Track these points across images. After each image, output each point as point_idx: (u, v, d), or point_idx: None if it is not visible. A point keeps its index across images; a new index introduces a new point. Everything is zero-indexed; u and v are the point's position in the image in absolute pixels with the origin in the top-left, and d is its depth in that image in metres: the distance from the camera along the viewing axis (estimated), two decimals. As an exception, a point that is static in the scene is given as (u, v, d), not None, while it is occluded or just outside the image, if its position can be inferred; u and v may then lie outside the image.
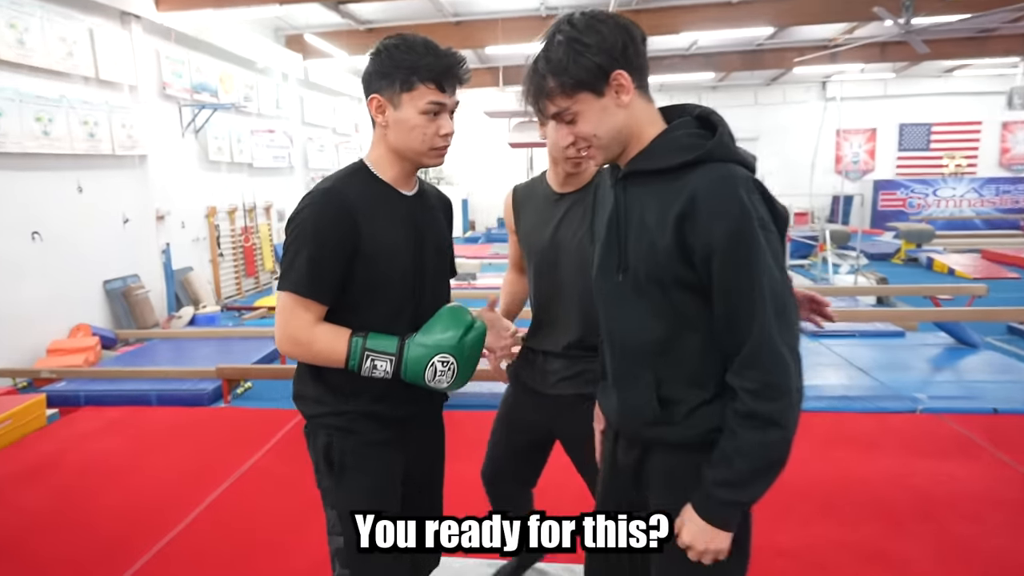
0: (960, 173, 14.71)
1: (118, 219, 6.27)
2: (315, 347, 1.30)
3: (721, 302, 1.06)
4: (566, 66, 1.07)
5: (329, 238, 1.27)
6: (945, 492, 2.73)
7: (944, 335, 5.01)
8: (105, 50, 5.92)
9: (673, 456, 1.18)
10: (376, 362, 1.29)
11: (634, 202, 1.15)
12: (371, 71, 1.31)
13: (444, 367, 1.31)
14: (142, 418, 3.88)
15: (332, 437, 1.38)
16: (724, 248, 1.02)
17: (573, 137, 1.15)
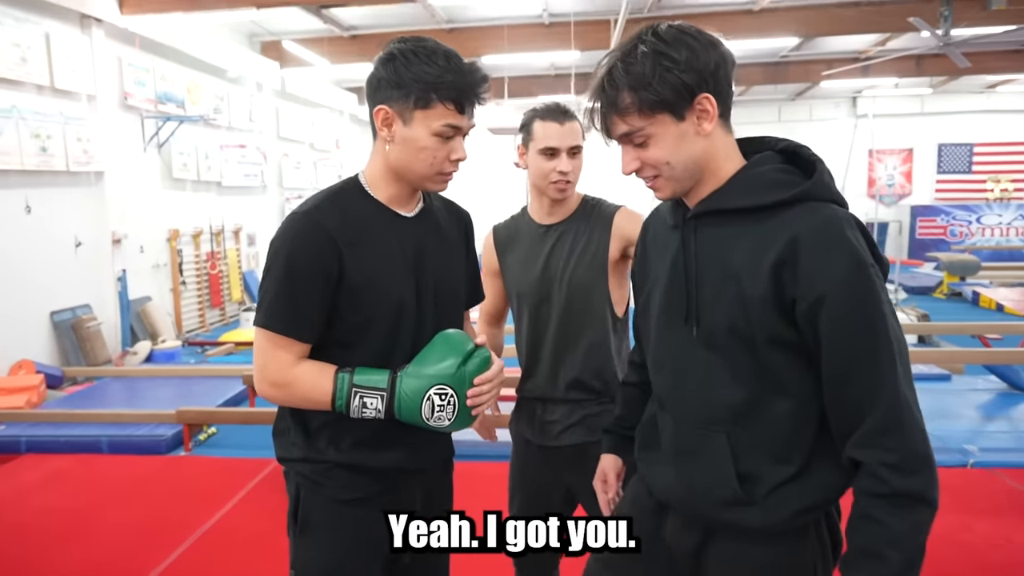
0: (1006, 198, 14.91)
1: (69, 242, 6.29)
2: (296, 389, 1.28)
3: (836, 362, 1.01)
4: (649, 81, 1.04)
5: (305, 269, 1.25)
6: (1004, 558, 2.71)
7: (995, 379, 5.02)
8: (62, 56, 6.02)
9: (748, 544, 1.13)
10: (366, 399, 1.25)
11: (710, 245, 1.12)
12: (381, 78, 1.26)
13: (443, 401, 1.26)
14: (91, 468, 3.84)
15: (301, 488, 1.36)
16: (838, 300, 0.99)
17: (640, 163, 1.12)
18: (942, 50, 7.35)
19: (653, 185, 1.15)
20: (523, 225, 1.89)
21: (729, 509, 1.12)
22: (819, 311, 1.00)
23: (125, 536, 3.04)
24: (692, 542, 1.19)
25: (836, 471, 1.09)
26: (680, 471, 1.18)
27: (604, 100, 1.09)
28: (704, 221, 1.14)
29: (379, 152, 1.33)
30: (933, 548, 2.98)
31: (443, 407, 1.26)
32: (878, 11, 8.38)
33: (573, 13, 8.44)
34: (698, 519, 1.18)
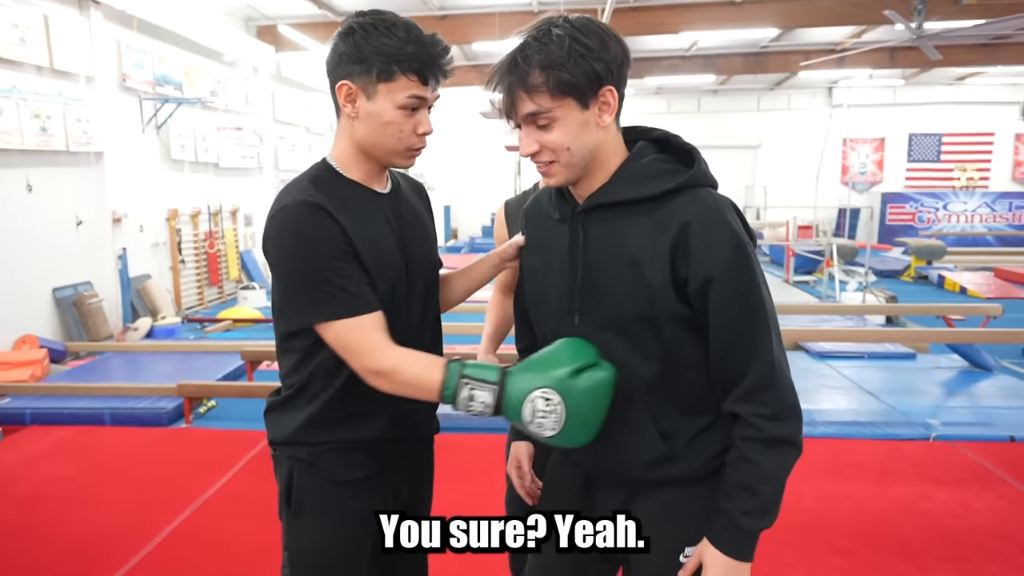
0: (972, 187, 15.04)
1: (70, 221, 6.21)
2: (402, 376, 1.18)
3: (723, 330, 1.08)
4: (563, 62, 1.03)
5: (333, 250, 1.17)
6: (964, 526, 2.77)
7: (957, 357, 5.10)
8: (61, 38, 5.89)
9: (672, 492, 1.19)
10: (475, 392, 1.15)
11: (603, 236, 1.14)
12: (342, 53, 1.20)
13: (546, 407, 1.11)
14: (94, 439, 3.82)
15: (294, 471, 1.30)
16: (723, 280, 1.05)
17: (539, 147, 1.10)
18: (915, 43, 7.36)
19: (547, 171, 1.13)
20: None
21: (655, 468, 1.18)
22: (708, 290, 1.06)
23: (127, 505, 3.04)
24: (616, 503, 1.23)
25: None
26: (604, 443, 1.17)
27: (514, 77, 1.06)
28: (595, 214, 1.15)
29: (345, 131, 1.26)
30: (896, 516, 3.05)
31: (546, 414, 1.12)
32: (854, 4, 8.36)
33: (563, 1, 8.35)
34: (624, 482, 1.22)
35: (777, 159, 15.15)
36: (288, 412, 1.31)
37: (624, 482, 1.22)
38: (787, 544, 2.63)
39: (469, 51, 11.26)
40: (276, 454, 1.36)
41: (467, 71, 12.15)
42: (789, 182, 14.62)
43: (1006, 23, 8.35)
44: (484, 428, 3.66)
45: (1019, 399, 4.27)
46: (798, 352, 5.29)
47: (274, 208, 1.21)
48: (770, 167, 15.22)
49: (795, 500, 2.98)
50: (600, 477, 1.26)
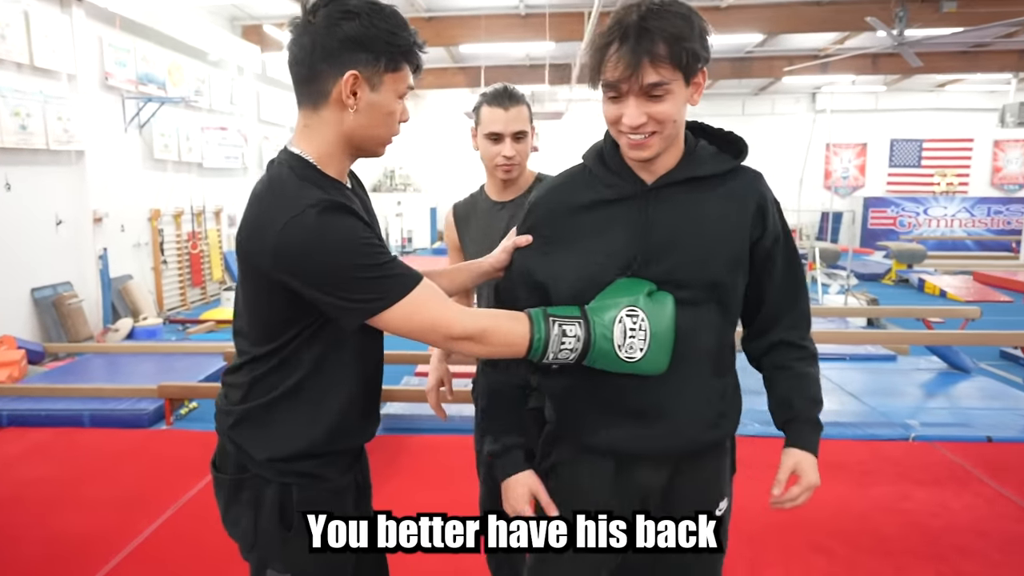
0: (951, 192, 15.25)
1: (50, 220, 6.12)
2: (494, 335, 1.14)
3: (781, 276, 1.28)
4: (685, 37, 1.06)
5: (367, 236, 1.12)
6: (942, 524, 2.80)
7: (936, 359, 5.16)
8: (41, 35, 5.81)
9: (713, 456, 1.31)
10: (566, 327, 1.13)
11: (675, 209, 1.20)
12: (347, 38, 1.09)
13: (634, 325, 1.14)
14: (73, 441, 3.77)
15: (291, 488, 1.20)
16: (784, 235, 1.28)
17: (647, 118, 1.10)
18: (896, 49, 7.45)
19: (645, 143, 1.13)
20: (480, 202, 1.91)
21: (712, 431, 1.27)
22: (776, 245, 1.26)
23: (106, 507, 3.00)
24: (664, 478, 1.28)
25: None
26: (655, 419, 1.23)
27: (641, 46, 1.06)
28: (665, 191, 1.21)
29: (330, 124, 1.15)
30: (876, 515, 3.08)
31: (635, 332, 1.14)
32: (837, 10, 8.46)
33: (548, 5, 8.38)
34: (672, 455, 1.27)
35: (761, 163, 14.89)
36: (280, 423, 1.20)
37: (672, 455, 1.27)
38: (768, 544, 2.65)
39: (456, 53, 11.25)
40: (257, 475, 1.21)
41: (454, 73, 12.15)
42: (773, 186, 14.37)
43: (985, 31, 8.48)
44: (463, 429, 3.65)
45: (996, 400, 4.33)
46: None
47: (285, 214, 1.07)
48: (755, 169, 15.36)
49: (777, 500, 3.00)
50: (644, 456, 1.26)
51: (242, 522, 1.23)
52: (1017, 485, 3.12)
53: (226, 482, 1.24)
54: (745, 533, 2.73)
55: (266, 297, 1.15)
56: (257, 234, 1.10)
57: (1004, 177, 15.26)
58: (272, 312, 1.17)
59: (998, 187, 15.30)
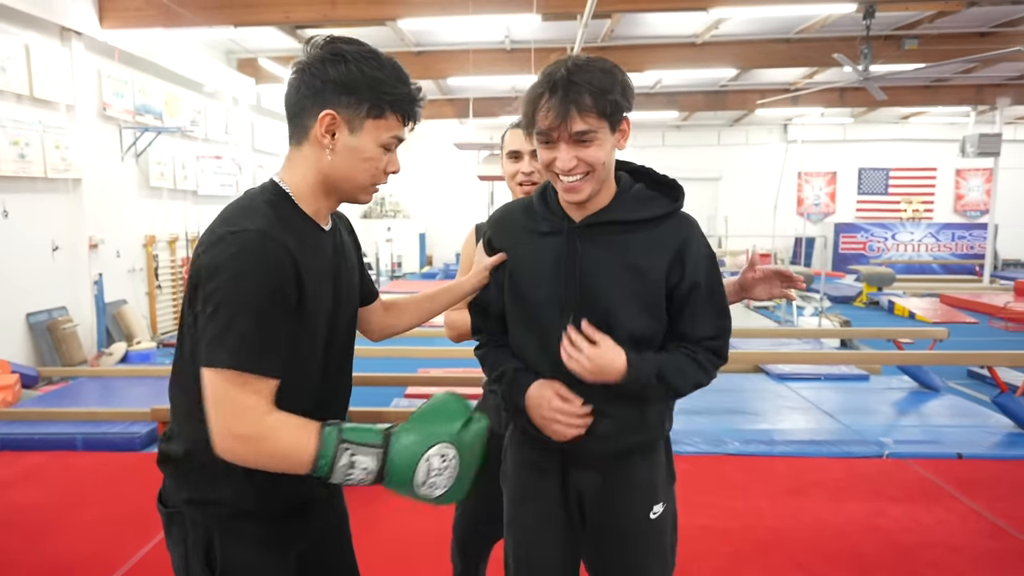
0: (917, 218, 15.52)
1: (46, 246, 6.06)
2: (270, 444, 1.02)
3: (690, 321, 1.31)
4: (608, 90, 1.16)
5: (273, 295, 1.03)
6: (916, 540, 2.81)
7: (907, 379, 5.21)
8: (42, 67, 5.81)
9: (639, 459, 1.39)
10: (356, 457, 1.02)
11: (600, 248, 1.28)
12: (331, 79, 1.09)
13: (442, 463, 1.05)
14: (66, 464, 3.69)
15: (210, 532, 1.13)
16: (707, 280, 1.29)
17: (577, 161, 1.20)
18: (862, 84, 7.62)
19: (576, 186, 1.23)
20: None
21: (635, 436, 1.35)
22: (693, 292, 1.29)
23: (99, 530, 2.93)
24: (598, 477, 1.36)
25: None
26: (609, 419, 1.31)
27: (570, 96, 1.15)
28: (594, 229, 1.29)
29: (309, 161, 1.13)
30: (853, 532, 3.09)
31: (440, 471, 1.05)
32: (806, 47, 8.66)
33: (533, 41, 8.50)
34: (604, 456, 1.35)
35: (737, 191, 15.46)
36: (201, 464, 1.10)
37: (603, 456, 1.35)
38: (750, 561, 2.64)
39: (444, 86, 11.36)
40: (177, 512, 1.15)
41: (442, 104, 12.24)
42: (748, 213, 14.91)
43: (945, 67, 8.72)
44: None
45: (965, 418, 4.37)
46: (758, 375, 5.35)
47: (220, 232, 1.05)
48: (730, 198, 15.53)
49: (757, 518, 3.00)
50: (580, 455, 1.35)
51: (175, 558, 1.18)
52: (987, 500, 3.14)
53: (163, 514, 1.19)
54: (727, 551, 2.72)
55: (190, 319, 1.08)
56: (202, 241, 1.08)
57: (966, 204, 15.56)
58: (183, 341, 1.12)
59: (961, 213, 15.59)
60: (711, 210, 15.45)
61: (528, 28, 8.01)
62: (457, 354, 1.99)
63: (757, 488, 3.28)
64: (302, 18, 6.76)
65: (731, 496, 3.21)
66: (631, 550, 1.37)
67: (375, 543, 2.75)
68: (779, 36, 8.63)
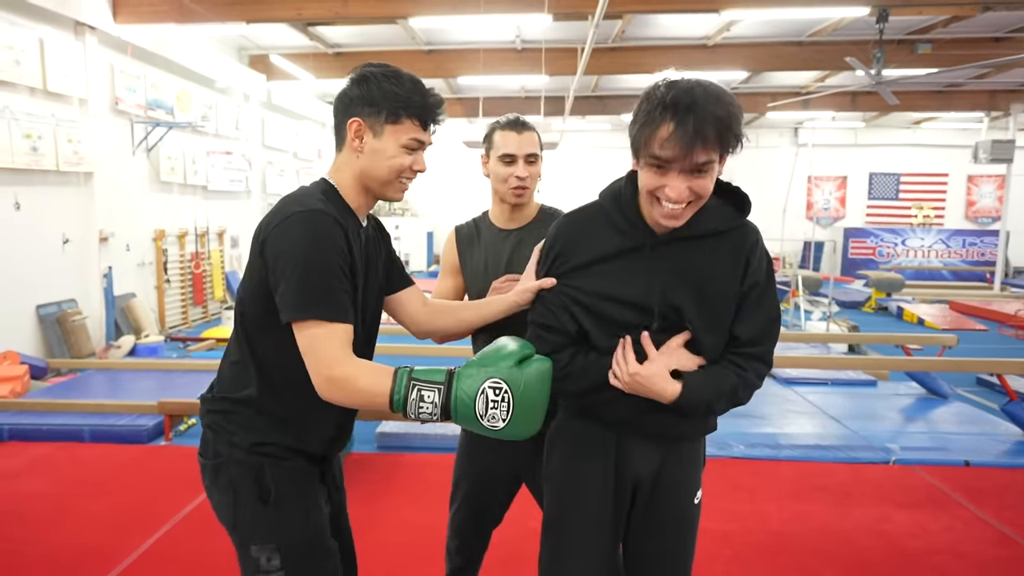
0: (928, 224, 15.42)
1: (57, 239, 6.10)
2: (359, 382, 1.20)
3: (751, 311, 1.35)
4: (732, 124, 1.16)
5: (336, 259, 1.24)
6: (922, 546, 2.79)
7: (915, 385, 5.18)
8: (55, 61, 5.85)
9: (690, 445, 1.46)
10: (424, 392, 1.18)
11: (680, 258, 1.31)
12: (356, 96, 1.33)
13: (496, 396, 1.17)
14: (73, 455, 3.72)
15: (263, 466, 1.33)
16: (766, 279, 1.35)
17: (689, 191, 1.20)
18: (874, 88, 7.58)
19: (679, 213, 1.23)
20: (484, 228, 1.90)
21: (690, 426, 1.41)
22: (752, 290, 1.34)
23: (104, 522, 2.95)
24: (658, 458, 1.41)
25: None
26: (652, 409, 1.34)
27: (695, 129, 1.12)
28: (677, 244, 1.31)
29: (348, 162, 1.36)
30: (858, 537, 3.07)
31: (496, 404, 1.17)
32: (818, 51, 8.62)
33: (544, 41, 8.50)
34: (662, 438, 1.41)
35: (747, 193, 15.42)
36: (251, 416, 1.35)
37: (661, 438, 1.40)
38: (753, 565, 2.63)
39: (454, 84, 11.38)
40: (232, 459, 1.35)
41: (452, 103, 12.26)
42: (758, 216, 14.33)
43: (958, 72, 8.67)
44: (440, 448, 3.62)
45: (973, 425, 4.34)
46: (766, 378, 5.33)
47: (289, 211, 1.26)
48: (739, 201, 15.49)
49: (761, 522, 2.99)
50: (641, 434, 1.40)
51: (223, 504, 1.36)
52: (994, 508, 3.12)
53: (208, 467, 1.38)
54: (729, 555, 2.71)
55: (256, 288, 1.29)
56: (265, 221, 1.29)
57: (978, 211, 15.46)
58: (256, 309, 1.31)
59: (972, 220, 15.49)
60: (720, 213, 15.41)
61: (539, 28, 8.01)
62: (461, 352, 1.99)
63: (762, 492, 3.27)
64: (313, 15, 6.78)
65: (736, 499, 3.20)
66: (677, 534, 1.42)
67: (376, 538, 2.75)
68: (791, 39, 8.61)
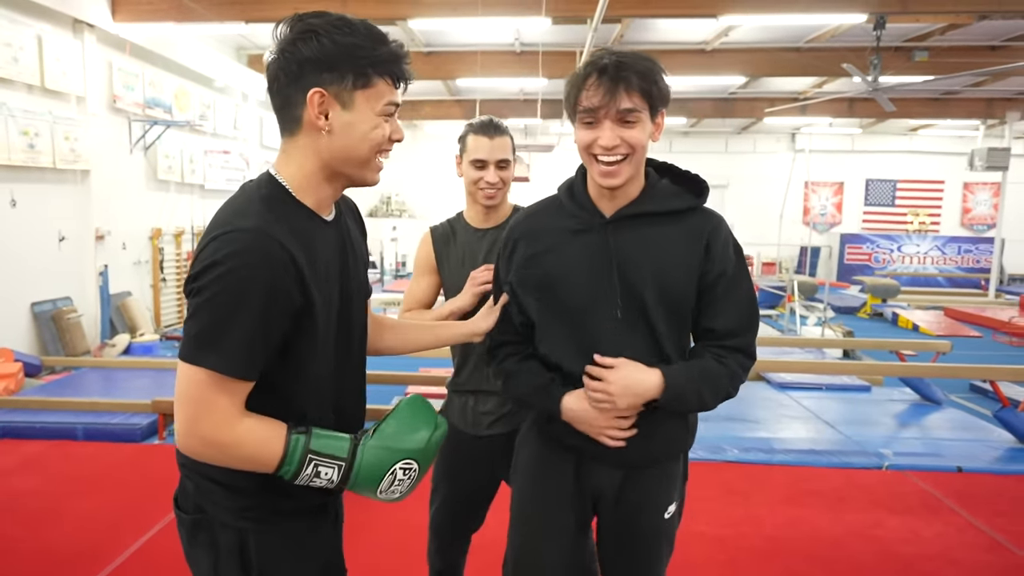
0: (924, 230, 15.48)
1: (53, 237, 6.09)
2: (238, 450, 1.01)
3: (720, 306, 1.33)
4: (654, 78, 1.22)
5: (267, 297, 0.99)
6: (915, 552, 2.80)
7: (909, 391, 5.19)
8: (53, 58, 5.84)
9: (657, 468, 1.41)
10: (320, 468, 1.04)
11: (633, 241, 1.29)
12: (307, 59, 1.02)
13: (405, 475, 1.09)
14: (66, 454, 3.71)
15: (244, 535, 1.11)
16: (735, 269, 1.33)
17: (620, 141, 1.22)
18: (871, 95, 7.61)
19: (615, 169, 1.24)
20: (459, 228, 1.91)
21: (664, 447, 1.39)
22: (720, 279, 1.31)
23: (97, 520, 2.95)
24: (618, 481, 1.38)
25: None
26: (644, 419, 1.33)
27: (622, 75, 1.20)
28: (624, 223, 1.31)
29: (307, 149, 1.07)
30: (851, 542, 3.07)
31: (402, 482, 1.10)
32: (816, 57, 8.65)
33: (542, 44, 8.51)
34: (625, 463, 1.37)
35: (743, 199, 15.43)
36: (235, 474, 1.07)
37: (622, 465, 1.36)
38: (745, 569, 2.64)
39: (453, 86, 11.38)
40: (216, 520, 1.11)
41: (450, 105, 12.27)
42: (754, 221, 14.86)
43: (954, 80, 8.71)
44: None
45: (966, 431, 4.35)
46: (760, 383, 5.35)
47: (221, 228, 1.01)
48: (737, 206, 15.49)
49: (755, 527, 3.00)
50: (601, 460, 1.37)
51: (202, 564, 1.15)
52: (987, 514, 3.13)
53: (186, 521, 1.15)
54: (722, 559, 2.72)
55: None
56: (201, 240, 1.05)
57: (973, 218, 15.52)
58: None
59: (968, 227, 15.55)
60: (717, 217, 15.44)
61: (537, 31, 8.02)
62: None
63: (755, 496, 3.27)
64: (313, 16, 6.77)
65: (729, 504, 3.20)
66: (644, 547, 1.41)
67: (370, 538, 2.75)
68: (789, 45, 8.64)
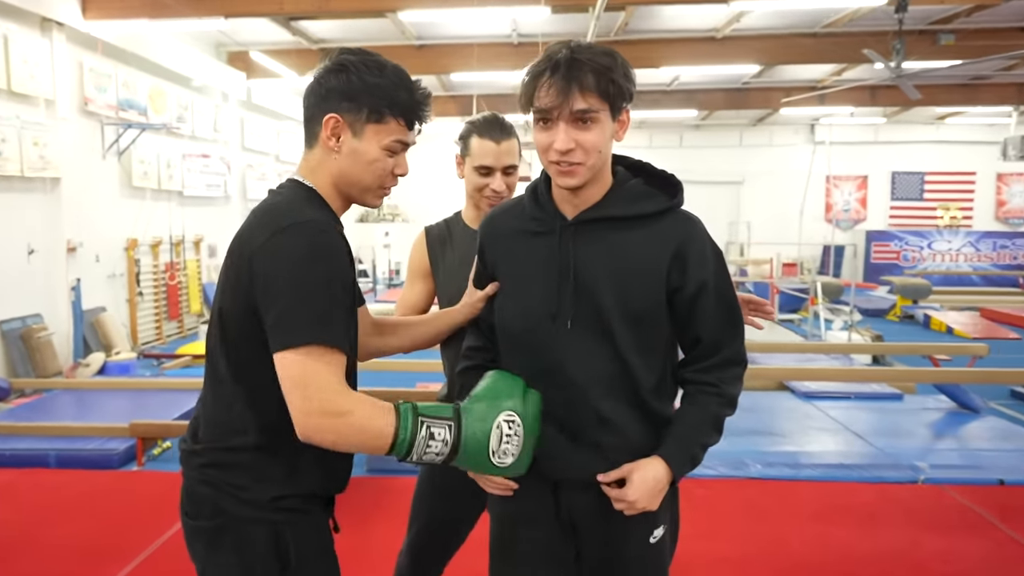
0: (955, 226, 15.45)
1: (21, 250, 6.11)
2: (354, 418, 1.10)
3: (709, 313, 1.30)
4: (612, 76, 1.19)
5: (342, 278, 1.18)
6: (952, 572, 2.78)
7: (944, 398, 5.17)
8: (20, 59, 5.88)
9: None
10: (434, 430, 1.12)
11: (595, 247, 1.28)
12: (333, 88, 1.23)
13: (510, 431, 1.17)
14: (37, 482, 3.70)
15: (280, 527, 1.21)
16: (716, 281, 1.29)
17: (575, 144, 1.20)
18: (894, 82, 7.62)
19: (571, 171, 1.23)
20: (457, 230, 1.89)
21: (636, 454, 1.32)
22: (701, 292, 1.29)
23: (70, 554, 2.93)
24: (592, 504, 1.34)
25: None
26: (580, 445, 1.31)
27: (574, 73, 1.17)
28: (587, 227, 1.29)
29: (323, 162, 1.27)
30: (883, 561, 3.05)
31: (510, 438, 1.17)
32: (834, 42, 8.68)
33: (541, 34, 8.53)
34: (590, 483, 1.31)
35: (760, 195, 15.45)
36: (263, 465, 1.21)
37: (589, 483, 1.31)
38: (773, 593, 2.61)
39: (447, 81, 11.43)
40: (244, 517, 1.21)
41: (445, 101, 12.31)
42: (773, 219, 14.88)
43: (984, 64, 8.72)
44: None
45: (1007, 441, 4.33)
46: (783, 392, 5.32)
47: (280, 223, 1.16)
48: (753, 203, 15.52)
49: (780, 545, 2.98)
50: (570, 482, 1.34)
51: (232, 569, 1.21)
52: (1031, 530, 3.10)
53: (205, 530, 1.23)
54: (748, 581, 2.69)
55: (244, 315, 1.19)
56: (247, 235, 1.20)
57: (1009, 211, 15.50)
58: (246, 336, 1.19)
59: (1003, 221, 15.53)
60: (732, 216, 15.45)
61: (536, 20, 8.05)
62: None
63: (781, 514, 3.25)
64: (296, 9, 6.83)
65: (752, 522, 3.18)
66: (635, 572, 1.37)
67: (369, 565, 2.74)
68: (805, 30, 8.66)
